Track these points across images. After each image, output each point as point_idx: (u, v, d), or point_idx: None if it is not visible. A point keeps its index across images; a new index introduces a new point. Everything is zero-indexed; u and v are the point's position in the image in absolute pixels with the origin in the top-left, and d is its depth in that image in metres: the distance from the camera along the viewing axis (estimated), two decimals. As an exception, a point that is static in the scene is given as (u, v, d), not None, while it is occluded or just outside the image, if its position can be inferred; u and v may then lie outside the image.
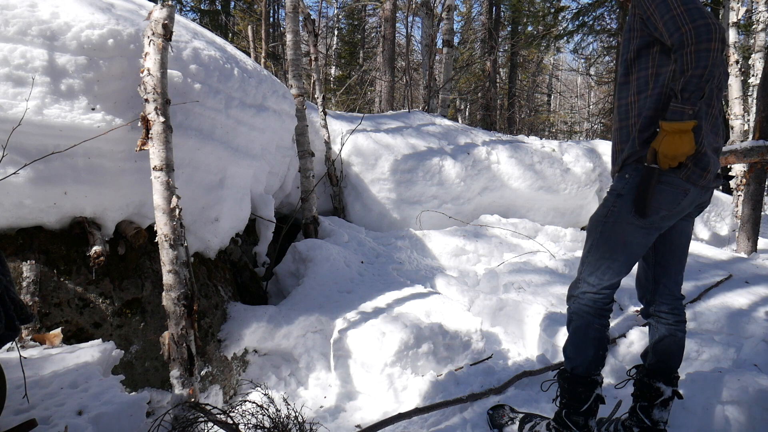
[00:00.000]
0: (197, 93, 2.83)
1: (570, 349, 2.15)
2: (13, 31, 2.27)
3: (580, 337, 2.11)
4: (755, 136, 5.13)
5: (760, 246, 5.43)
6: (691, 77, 1.76)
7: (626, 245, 2.01)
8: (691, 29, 1.74)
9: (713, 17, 1.78)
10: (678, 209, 1.96)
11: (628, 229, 1.98)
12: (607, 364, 2.97)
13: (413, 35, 16.90)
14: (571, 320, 2.15)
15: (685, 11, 1.76)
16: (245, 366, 3.20)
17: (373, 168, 5.43)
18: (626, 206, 1.97)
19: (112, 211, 2.63)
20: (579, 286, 2.13)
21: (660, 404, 2.15)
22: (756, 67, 7.83)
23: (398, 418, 2.46)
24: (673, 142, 1.84)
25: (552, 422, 2.20)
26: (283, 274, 4.10)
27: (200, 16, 15.06)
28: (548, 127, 21.84)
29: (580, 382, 2.11)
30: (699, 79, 1.75)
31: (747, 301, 3.36)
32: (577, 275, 2.16)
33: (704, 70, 1.74)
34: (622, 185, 2.01)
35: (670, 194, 1.92)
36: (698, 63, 1.74)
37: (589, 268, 2.10)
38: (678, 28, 1.77)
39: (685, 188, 1.92)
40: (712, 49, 1.73)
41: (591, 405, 2.11)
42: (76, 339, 2.50)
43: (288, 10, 4.89)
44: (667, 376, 2.17)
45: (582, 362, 2.11)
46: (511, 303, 3.69)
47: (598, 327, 2.10)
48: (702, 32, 1.72)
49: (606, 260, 2.04)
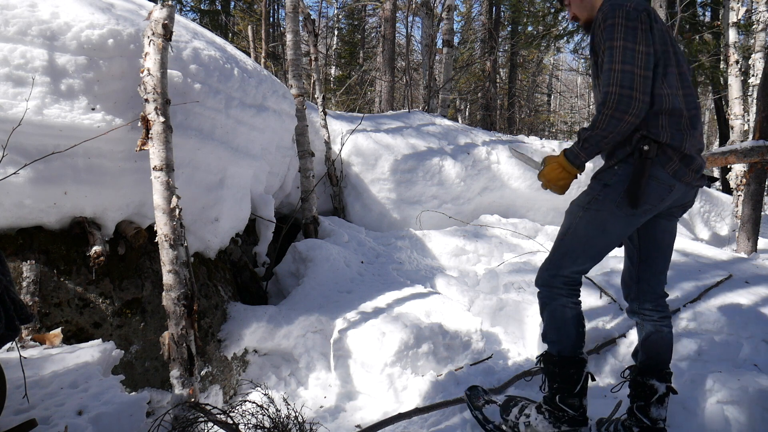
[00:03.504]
0: (197, 93, 2.83)
1: (551, 333, 2.17)
2: (13, 31, 2.27)
3: (558, 319, 2.14)
4: (755, 136, 5.13)
5: (760, 246, 5.42)
6: (597, 134, 1.93)
7: (605, 233, 2.06)
8: (616, 94, 1.86)
9: (643, 88, 1.88)
10: (661, 205, 2.02)
11: (610, 218, 2.03)
12: (606, 364, 2.98)
13: (413, 35, 16.91)
14: (545, 304, 2.17)
15: (620, 71, 1.86)
16: (245, 366, 3.20)
17: (373, 168, 5.43)
18: (611, 196, 2.01)
19: (112, 211, 2.63)
20: (550, 268, 2.15)
21: (656, 402, 2.15)
22: (756, 67, 7.83)
23: (398, 417, 2.46)
24: (556, 173, 2.08)
25: (544, 405, 2.19)
26: (283, 274, 4.10)
27: (200, 16, 15.05)
28: (548, 127, 21.84)
29: (570, 363, 2.12)
30: (602, 139, 1.93)
31: (747, 301, 3.36)
32: (549, 257, 2.17)
33: (609, 134, 1.91)
34: (610, 176, 2.05)
35: (656, 189, 1.98)
36: (607, 127, 1.90)
37: (563, 251, 2.13)
38: (608, 84, 1.89)
39: (671, 184, 1.98)
40: (625, 120, 1.88)
41: (583, 384, 2.14)
42: (76, 339, 2.50)
43: (288, 10, 4.89)
44: (659, 372, 2.19)
45: (567, 343, 2.13)
46: (511, 303, 3.68)
47: (573, 305, 2.14)
48: (623, 102, 1.85)
49: (582, 245, 2.09)
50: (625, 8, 1.92)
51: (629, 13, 1.91)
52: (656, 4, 6.79)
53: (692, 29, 10.84)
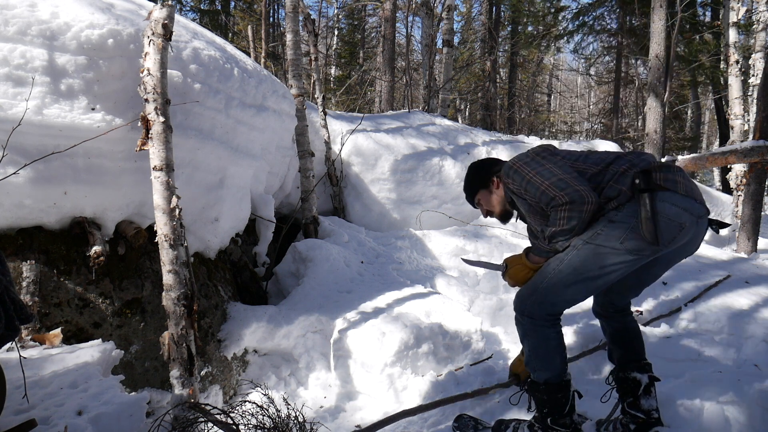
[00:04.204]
0: (197, 93, 2.83)
1: (535, 362, 2.15)
2: (13, 31, 2.27)
3: (542, 351, 2.13)
4: (755, 136, 5.13)
5: (760, 246, 5.42)
6: (561, 231, 1.98)
7: (602, 269, 1.99)
8: (564, 196, 1.93)
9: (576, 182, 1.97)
10: (669, 245, 1.95)
11: (611, 254, 1.97)
12: (606, 363, 2.97)
13: (413, 35, 16.91)
14: (526, 334, 2.14)
15: (551, 185, 1.97)
16: (245, 366, 3.20)
17: (373, 168, 5.43)
18: (616, 233, 1.95)
19: (112, 211, 2.63)
20: (535, 297, 2.09)
21: (644, 393, 2.18)
22: (756, 67, 7.82)
23: (402, 415, 2.45)
24: (521, 274, 2.18)
25: (536, 423, 2.21)
26: (283, 274, 4.10)
27: (200, 16, 15.04)
28: (548, 127, 21.82)
29: (557, 389, 2.14)
30: (569, 233, 1.99)
31: (747, 301, 3.36)
32: (533, 285, 2.12)
33: (574, 226, 1.96)
34: (614, 213, 1.98)
35: (668, 226, 1.91)
36: (569, 222, 1.95)
37: (552, 281, 2.06)
38: (551, 198, 1.96)
39: (681, 222, 1.92)
40: (585, 210, 1.94)
41: (571, 404, 2.16)
42: (76, 339, 2.49)
43: (288, 10, 4.89)
44: (638, 363, 2.22)
45: (552, 372, 2.13)
46: (511, 303, 3.68)
47: (555, 335, 2.12)
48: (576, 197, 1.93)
49: (575, 277, 2.02)
50: (512, 161, 2.13)
51: (522, 156, 2.12)
52: (656, 4, 6.79)
53: (692, 29, 10.84)
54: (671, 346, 2.94)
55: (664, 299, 3.57)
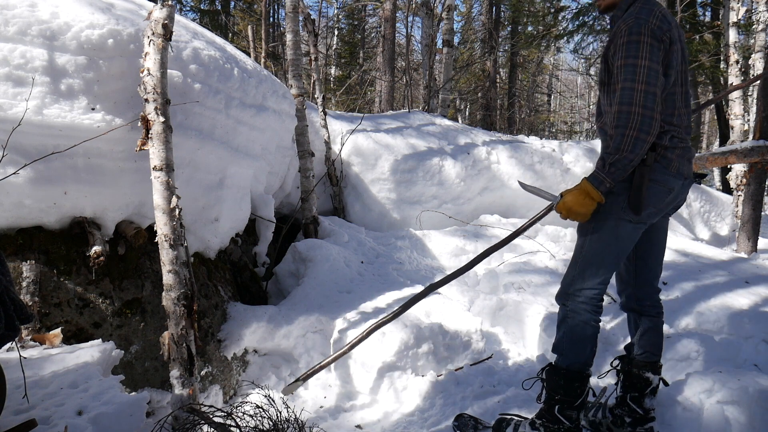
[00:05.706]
0: (197, 93, 2.83)
1: (566, 346, 2.18)
2: (13, 31, 2.27)
3: (577, 335, 2.16)
4: (755, 136, 5.13)
5: (761, 246, 5.42)
6: (625, 158, 1.91)
7: (618, 239, 2.09)
8: (639, 115, 1.86)
9: (662, 109, 1.93)
10: (663, 205, 2.08)
11: (620, 224, 2.07)
12: (606, 363, 2.97)
13: (413, 35, 16.89)
14: (565, 317, 2.19)
15: (644, 92, 1.87)
16: (245, 366, 3.20)
17: (373, 168, 5.43)
18: (618, 203, 2.04)
19: (112, 211, 2.63)
20: (574, 283, 2.17)
21: (650, 393, 2.26)
22: (756, 67, 7.81)
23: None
24: (579, 201, 2.03)
25: (538, 420, 2.21)
26: (283, 274, 4.10)
27: (200, 16, 15.03)
28: (548, 127, 21.83)
29: (577, 378, 2.16)
30: (629, 162, 1.93)
31: (747, 301, 3.36)
32: (570, 273, 2.20)
33: (636, 156, 1.91)
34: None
35: (658, 192, 2.03)
36: (634, 149, 1.90)
37: (583, 264, 2.15)
38: (630, 104, 1.88)
39: (671, 187, 2.04)
40: (647, 141, 1.90)
41: (584, 399, 2.18)
42: (76, 339, 2.49)
43: (288, 10, 4.89)
44: (654, 365, 2.28)
45: (579, 359, 2.16)
46: (511, 303, 3.68)
47: (594, 324, 2.17)
48: (646, 123, 1.87)
49: (599, 255, 2.12)
50: (650, 26, 1.91)
51: (654, 32, 1.90)
52: (656, 4, 6.78)
53: (692, 29, 10.83)
54: (671, 346, 2.94)
55: (664, 299, 3.57)
